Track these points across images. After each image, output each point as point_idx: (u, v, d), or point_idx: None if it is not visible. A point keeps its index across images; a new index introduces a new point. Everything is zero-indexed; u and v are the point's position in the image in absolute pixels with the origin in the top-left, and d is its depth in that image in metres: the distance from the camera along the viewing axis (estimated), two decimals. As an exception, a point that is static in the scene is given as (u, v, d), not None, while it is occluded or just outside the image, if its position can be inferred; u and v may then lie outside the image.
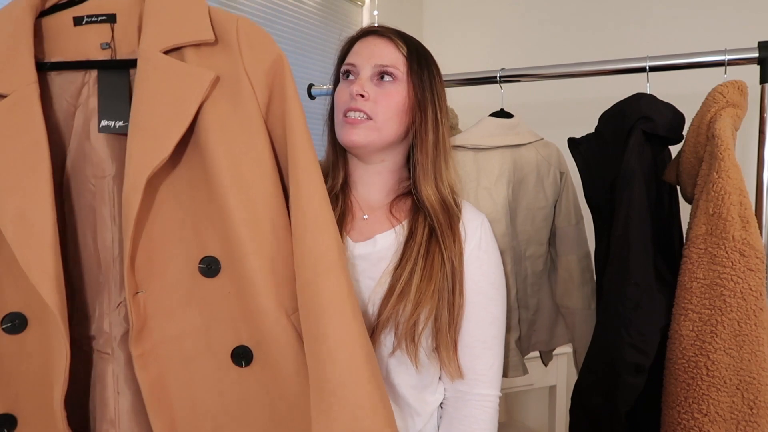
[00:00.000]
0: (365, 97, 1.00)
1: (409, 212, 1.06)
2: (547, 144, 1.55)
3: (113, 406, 0.84)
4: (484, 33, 2.33)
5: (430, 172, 1.04)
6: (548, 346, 1.64)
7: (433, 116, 1.04)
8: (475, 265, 1.04)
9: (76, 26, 0.87)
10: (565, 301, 1.55)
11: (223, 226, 0.83)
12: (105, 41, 0.87)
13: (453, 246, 1.01)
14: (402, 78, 1.03)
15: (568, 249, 1.54)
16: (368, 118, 1.01)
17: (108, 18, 0.87)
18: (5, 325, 0.79)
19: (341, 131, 1.03)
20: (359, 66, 1.03)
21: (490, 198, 1.46)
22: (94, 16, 0.87)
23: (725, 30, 1.90)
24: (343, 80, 1.07)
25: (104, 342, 0.84)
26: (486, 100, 1.68)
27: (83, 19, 0.87)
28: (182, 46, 0.84)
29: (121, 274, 0.84)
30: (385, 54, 1.03)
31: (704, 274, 1.10)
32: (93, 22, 0.87)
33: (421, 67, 1.05)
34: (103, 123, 0.85)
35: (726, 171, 1.08)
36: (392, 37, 1.05)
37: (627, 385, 1.16)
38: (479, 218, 1.08)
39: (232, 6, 1.51)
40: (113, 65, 0.87)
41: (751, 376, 1.06)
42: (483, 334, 1.03)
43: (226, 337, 0.84)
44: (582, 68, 1.50)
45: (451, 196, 1.07)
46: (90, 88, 0.87)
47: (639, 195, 1.19)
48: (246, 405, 0.85)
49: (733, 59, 1.28)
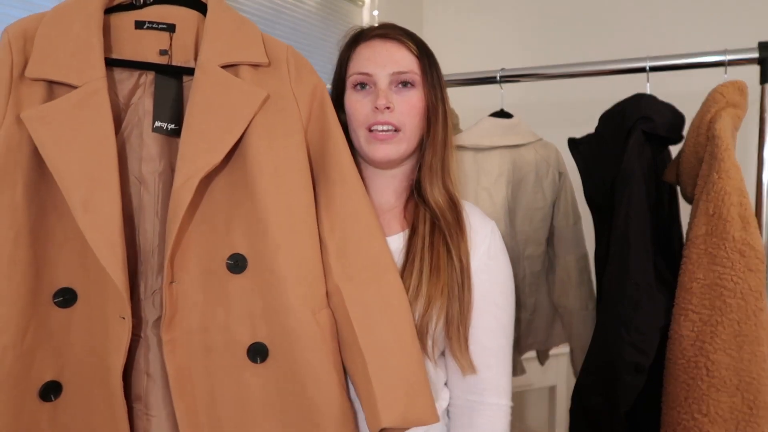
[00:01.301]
0: (391, 108, 0.98)
1: (414, 211, 1.05)
2: (546, 144, 1.55)
3: (142, 384, 0.88)
4: (484, 33, 2.33)
5: (438, 171, 1.03)
6: (545, 346, 1.64)
7: (443, 114, 1.04)
8: (485, 273, 1.02)
9: (136, 29, 0.92)
10: (562, 301, 1.55)
11: (256, 227, 0.88)
12: (163, 48, 0.93)
13: (460, 241, 1.00)
14: (419, 81, 1.01)
15: (566, 249, 1.54)
16: (396, 129, 0.99)
17: (168, 27, 0.93)
18: (57, 299, 0.85)
19: (370, 148, 1.00)
20: (375, 75, 1.00)
21: (489, 198, 1.46)
22: (155, 23, 0.93)
23: (725, 30, 1.90)
24: (355, 90, 1.02)
25: (138, 325, 0.89)
26: (486, 100, 1.68)
27: (144, 24, 0.93)
28: (238, 64, 0.91)
29: (159, 263, 0.89)
30: (400, 59, 1.01)
31: (704, 274, 1.10)
32: (153, 29, 0.93)
33: (431, 66, 1.04)
34: (157, 124, 0.91)
35: (726, 171, 1.08)
36: (402, 40, 1.02)
37: (627, 385, 1.16)
38: (489, 225, 1.06)
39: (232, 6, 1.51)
40: (171, 70, 0.93)
41: (751, 376, 1.05)
42: (492, 342, 1.02)
43: (243, 333, 0.89)
44: (582, 68, 1.50)
45: (456, 193, 1.06)
46: (145, 89, 0.92)
47: (639, 195, 1.19)
48: (259, 399, 0.88)
49: (733, 59, 1.28)
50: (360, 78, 1.01)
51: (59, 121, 0.81)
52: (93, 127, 0.82)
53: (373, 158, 1.01)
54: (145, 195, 0.90)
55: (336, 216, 0.94)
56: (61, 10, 0.88)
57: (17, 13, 1.07)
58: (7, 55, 0.84)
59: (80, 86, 0.83)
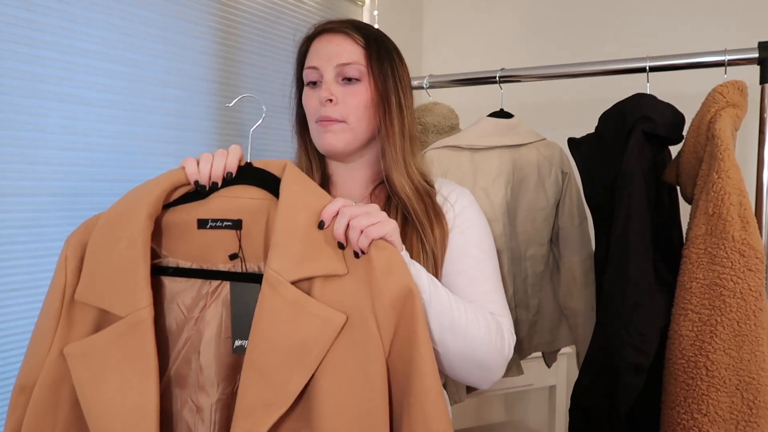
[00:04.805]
0: (333, 101, 0.99)
1: (385, 200, 1.05)
2: (550, 144, 1.54)
3: None
4: (484, 33, 2.33)
5: (400, 161, 1.02)
6: (551, 348, 1.62)
7: (397, 103, 1.03)
8: (456, 233, 1.02)
9: (200, 229, 0.83)
10: (568, 302, 1.53)
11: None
12: (231, 249, 0.83)
13: (434, 229, 0.99)
14: (364, 72, 1.01)
15: (571, 250, 1.52)
16: (341, 121, 1.00)
17: (234, 224, 0.83)
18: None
19: (318, 139, 1.02)
20: (321, 68, 1.01)
21: (486, 198, 1.45)
22: (219, 221, 0.83)
23: (725, 30, 1.90)
24: (308, 86, 1.04)
25: None
26: (486, 100, 1.68)
27: (208, 223, 0.83)
28: (312, 277, 0.78)
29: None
30: (344, 51, 1.01)
31: (704, 274, 1.10)
32: (218, 228, 0.83)
33: (381, 56, 1.03)
34: (238, 343, 0.81)
35: (726, 171, 1.08)
36: (347, 31, 1.02)
37: (626, 385, 1.16)
38: (457, 190, 1.06)
39: (232, 6, 1.51)
40: (245, 279, 0.82)
41: (750, 376, 1.05)
42: (480, 288, 0.99)
43: None
44: (582, 68, 1.50)
45: (423, 180, 1.05)
46: (207, 300, 0.83)
47: (639, 195, 1.19)
48: None
49: (733, 59, 1.28)
50: (309, 72, 1.03)
51: (100, 358, 0.76)
52: (134, 362, 0.76)
53: (321, 148, 1.02)
54: (200, 426, 0.82)
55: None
56: (111, 218, 0.81)
57: (17, 13, 1.07)
58: (61, 275, 0.80)
59: (124, 317, 0.76)
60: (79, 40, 1.17)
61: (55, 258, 1.13)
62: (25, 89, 1.09)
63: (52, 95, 1.13)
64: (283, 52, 1.66)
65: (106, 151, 1.22)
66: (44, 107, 1.12)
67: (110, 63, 1.22)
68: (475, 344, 0.89)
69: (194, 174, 0.83)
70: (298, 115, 1.10)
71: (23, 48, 1.08)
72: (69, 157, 1.16)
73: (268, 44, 1.62)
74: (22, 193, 1.10)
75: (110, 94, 1.23)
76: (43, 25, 1.11)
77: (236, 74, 1.52)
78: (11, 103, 1.07)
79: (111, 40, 1.22)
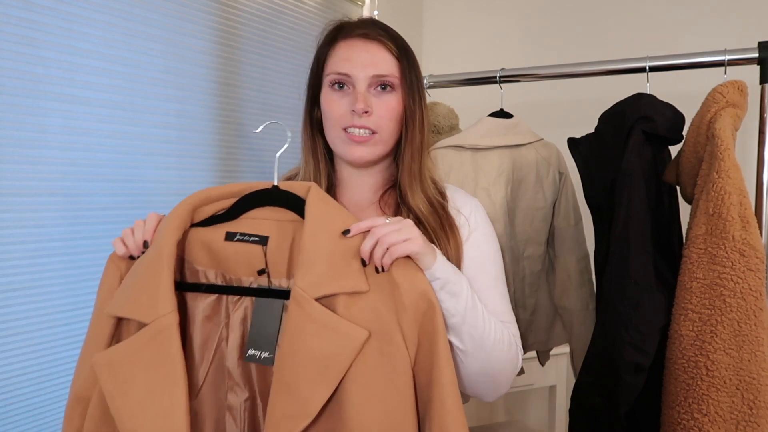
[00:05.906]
0: (369, 113, 0.97)
1: (395, 207, 1.04)
2: (547, 144, 1.55)
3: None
4: (484, 33, 2.33)
5: (417, 175, 1.02)
6: (546, 347, 1.63)
7: (420, 117, 1.02)
8: (472, 246, 1.02)
9: (226, 241, 0.86)
10: (563, 301, 1.55)
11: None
12: (255, 263, 0.86)
13: (448, 242, 0.99)
14: (398, 84, 1.00)
15: (566, 250, 1.54)
16: (373, 132, 0.99)
17: (260, 240, 0.86)
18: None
19: (345, 148, 1.00)
20: (354, 77, 0.98)
21: (488, 198, 1.46)
22: (247, 235, 0.86)
23: (725, 30, 1.90)
24: (332, 89, 1.00)
25: None
26: (486, 100, 1.68)
27: (235, 236, 0.86)
28: (336, 294, 0.81)
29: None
30: (381, 62, 0.98)
31: (704, 274, 1.10)
32: (245, 241, 0.86)
33: (411, 68, 1.01)
34: (250, 352, 0.85)
35: (726, 171, 1.08)
36: (383, 41, 1.00)
37: (626, 385, 1.16)
38: (471, 203, 1.06)
39: (232, 6, 1.51)
40: (269, 295, 0.85)
41: (750, 376, 1.05)
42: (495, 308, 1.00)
43: None
44: (582, 68, 1.50)
45: (436, 190, 1.05)
46: (231, 308, 0.87)
47: (639, 195, 1.19)
48: None
49: (733, 59, 1.28)
50: (338, 78, 1.00)
51: (127, 366, 0.78)
52: (161, 367, 0.78)
53: (350, 159, 1.01)
54: (230, 424, 0.86)
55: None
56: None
57: (17, 13, 1.07)
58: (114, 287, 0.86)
59: (149, 323, 0.79)
60: (79, 40, 1.17)
61: (55, 258, 1.15)
62: (26, 89, 1.09)
63: (53, 95, 1.13)
64: (283, 52, 1.66)
65: (106, 151, 1.22)
66: (45, 107, 1.12)
67: (110, 63, 1.22)
68: (498, 363, 0.93)
69: (125, 251, 0.88)
70: (311, 114, 1.06)
71: (24, 48, 1.08)
72: (69, 157, 1.16)
73: (268, 44, 1.62)
74: (22, 193, 1.10)
75: (110, 94, 1.23)
76: (44, 25, 1.11)
77: (236, 74, 1.52)
78: (12, 103, 1.07)
79: (111, 40, 1.22)
